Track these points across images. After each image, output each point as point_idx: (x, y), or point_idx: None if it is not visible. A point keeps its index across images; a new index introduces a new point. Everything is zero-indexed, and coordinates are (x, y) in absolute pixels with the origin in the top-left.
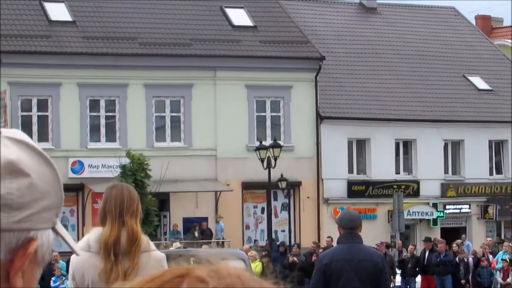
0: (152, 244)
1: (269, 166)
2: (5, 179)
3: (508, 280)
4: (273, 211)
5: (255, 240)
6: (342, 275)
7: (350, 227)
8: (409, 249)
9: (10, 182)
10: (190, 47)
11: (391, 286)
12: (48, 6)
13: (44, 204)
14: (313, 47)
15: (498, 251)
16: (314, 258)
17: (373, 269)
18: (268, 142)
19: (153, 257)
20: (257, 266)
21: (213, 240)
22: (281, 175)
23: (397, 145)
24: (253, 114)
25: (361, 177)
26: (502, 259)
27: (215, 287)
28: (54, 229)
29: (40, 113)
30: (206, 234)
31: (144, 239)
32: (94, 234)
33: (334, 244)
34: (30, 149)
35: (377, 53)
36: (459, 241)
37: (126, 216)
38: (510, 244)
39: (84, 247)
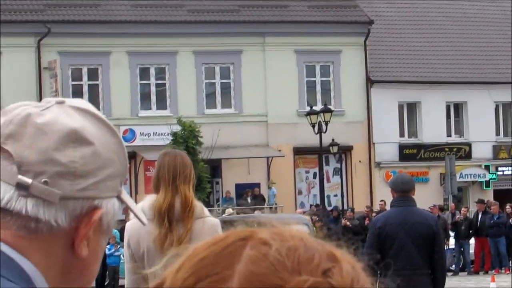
0: (206, 210)
1: (320, 131)
2: (68, 147)
3: None
4: (325, 176)
5: (311, 205)
6: (396, 238)
7: (403, 191)
8: (462, 211)
9: (73, 150)
10: (239, 13)
11: (445, 248)
12: None
13: (108, 172)
14: (361, 11)
15: None
16: (367, 222)
17: (427, 232)
18: (318, 107)
19: (207, 223)
20: None
21: (266, 205)
22: (332, 139)
23: (448, 108)
24: (303, 79)
25: (413, 140)
26: None
27: (278, 249)
28: (119, 198)
29: (90, 82)
30: (259, 200)
31: (198, 205)
32: (148, 201)
33: (388, 207)
34: (93, 117)
35: (426, 16)
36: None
37: (179, 182)
38: None
39: None
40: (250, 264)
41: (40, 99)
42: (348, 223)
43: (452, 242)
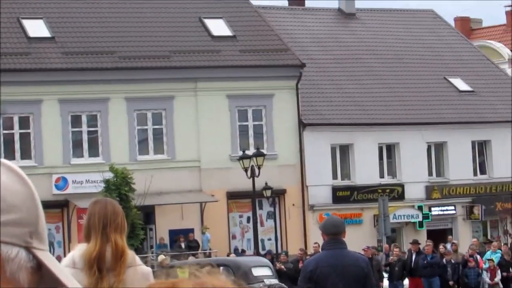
0: (137, 259)
1: (253, 175)
2: None
3: (496, 280)
4: (258, 220)
5: (243, 250)
6: (328, 281)
7: (334, 233)
8: (394, 252)
9: None
10: (170, 59)
11: None
12: (26, 23)
13: (11, 217)
14: (293, 55)
15: (485, 251)
16: (301, 265)
17: (358, 274)
18: (251, 151)
19: (139, 271)
20: None
21: (199, 251)
22: (266, 183)
23: (381, 149)
24: (236, 123)
25: (346, 182)
26: (488, 259)
27: None
28: (30, 251)
29: (22, 131)
30: (193, 246)
31: (130, 253)
32: (78, 250)
33: None
34: (6, 168)
35: (358, 58)
36: (455, 241)
37: (110, 230)
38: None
39: (69, 264)
40: None
41: None
42: (282, 266)
43: (386, 283)
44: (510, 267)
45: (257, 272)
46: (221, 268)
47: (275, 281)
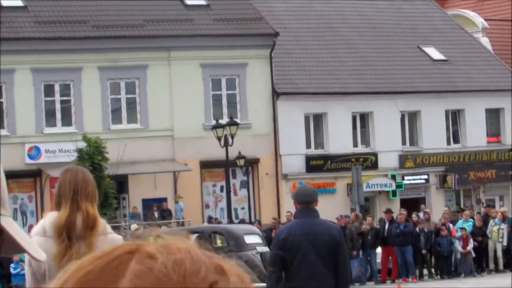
0: (108, 227)
1: (226, 144)
2: None
3: (468, 248)
4: (232, 189)
5: (216, 218)
6: (300, 249)
7: (306, 202)
8: (367, 221)
9: None
10: (144, 28)
11: (351, 258)
12: None
13: None
14: (266, 24)
15: (458, 220)
16: (273, 233)
17: (331, 242)
18: (225, 120)
19: (110, 239)
20: None
21: (173, 220)
22: (239, 152)
23: (354, 118)
24: (209, 92)
25: (319, 151)
26: (460, 228)
27: (164, 263)
28: None
29: None
30: (166, 215)
31: (101, 222)
32: (49, 218)
33: None
34: None
35: (332, 27)
36: (427, 210)
37: (80, 199)
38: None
39: (39, 232)
40: (135, 279)
41: None
42: None
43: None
44: (482, 235)
45: (249, 239)
46: (215, 235)
47: (266, 248)
